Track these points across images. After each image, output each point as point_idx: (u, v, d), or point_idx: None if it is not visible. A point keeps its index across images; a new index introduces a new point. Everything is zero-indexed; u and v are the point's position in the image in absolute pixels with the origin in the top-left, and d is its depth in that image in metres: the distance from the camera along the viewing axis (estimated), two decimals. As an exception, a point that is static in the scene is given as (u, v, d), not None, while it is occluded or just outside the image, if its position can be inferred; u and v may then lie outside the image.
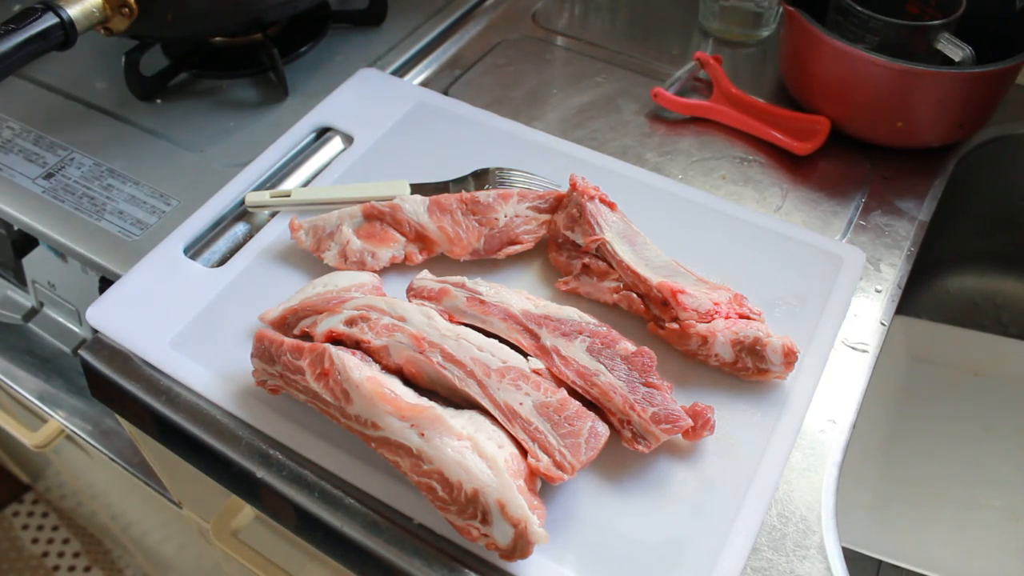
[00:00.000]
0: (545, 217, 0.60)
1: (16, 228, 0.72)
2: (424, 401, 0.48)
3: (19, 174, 0.71)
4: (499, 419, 0.47)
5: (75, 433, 0.85)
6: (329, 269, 0.59)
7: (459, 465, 0.44)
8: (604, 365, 0.49)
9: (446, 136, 0.70)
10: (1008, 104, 0.73)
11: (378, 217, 0.60)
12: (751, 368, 0.52)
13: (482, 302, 0.53)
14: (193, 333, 0.56)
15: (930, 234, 0.66)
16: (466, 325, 0.53)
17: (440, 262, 0.60)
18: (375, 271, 0.59)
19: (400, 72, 0.81)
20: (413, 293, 0.55)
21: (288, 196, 0.64)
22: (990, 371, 0.79)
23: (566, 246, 0.59)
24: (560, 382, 0.50)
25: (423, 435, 0.45)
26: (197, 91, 0.80)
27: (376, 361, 0.51)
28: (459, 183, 0.65)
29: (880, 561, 0.67)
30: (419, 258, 0.60)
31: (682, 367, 0.54)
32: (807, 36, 0.68)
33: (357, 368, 0.49)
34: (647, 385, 0.48)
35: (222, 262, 0.62)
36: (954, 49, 0.66)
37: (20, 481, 1.64)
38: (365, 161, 0.68)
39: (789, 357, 0.51)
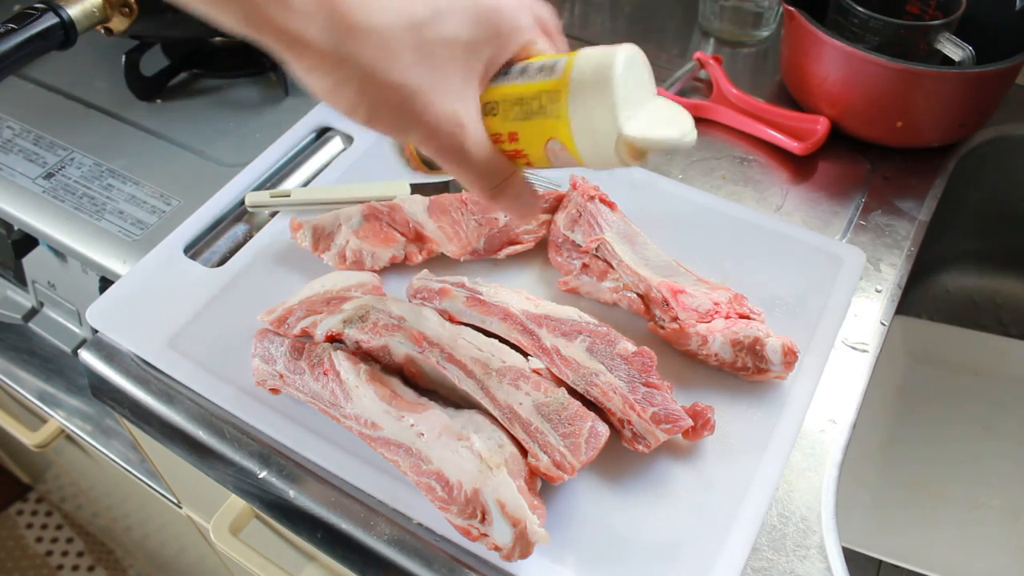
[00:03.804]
0: (545, 217, 0.60)
1: (16, 228, 0.72)
2: (424, 401, 0.48)
3: (19, 174, 0.71)
4: (499, 419, 0.47)
5: (75, 433, 0.85)
6: (329, 269, 0.59)
7: (459, 465, 0.44)
8: (604, 365, 0.49)
9: (446, 136, 0.70)
10: (1008, 104, 0.73)
11: (378, 217, 0.60)
12: (751, 368, 0.52)
13: (482, 302, 0.53)
14: (193, 333, 0.56)
15: (930, 234, 0.66)
16: (466, 325, 0.53)
17: (440, 262, 0.60)
18: (375, 271, 0.59)
19: (400, 72, 0.81)
20: (413, 293, 0.55)
21: (288, 196, 0.64)
22: (990, 371, 0.79)
23: (566, 246, 0.59)
24: (560, 382, 0.50)
25: (423, 435, 0.45)
26: (197, 91, 0.80)
27: (376, 361, 0.51)
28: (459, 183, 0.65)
29: (880, 561, 0.67)
30: (419, 258, 0.60)
31: (682, 367, 0.54)
32: (807, 36, 0.68)
33: (357, 368, 0.49)
34: (647, 385, 0.48)
35: (222, 262, 0.61)
36: (954, 49, 0.66)
37: (21, 482, 1.64)
38: (365, 161, 0.68)
39: (789, 357, 0.51)
